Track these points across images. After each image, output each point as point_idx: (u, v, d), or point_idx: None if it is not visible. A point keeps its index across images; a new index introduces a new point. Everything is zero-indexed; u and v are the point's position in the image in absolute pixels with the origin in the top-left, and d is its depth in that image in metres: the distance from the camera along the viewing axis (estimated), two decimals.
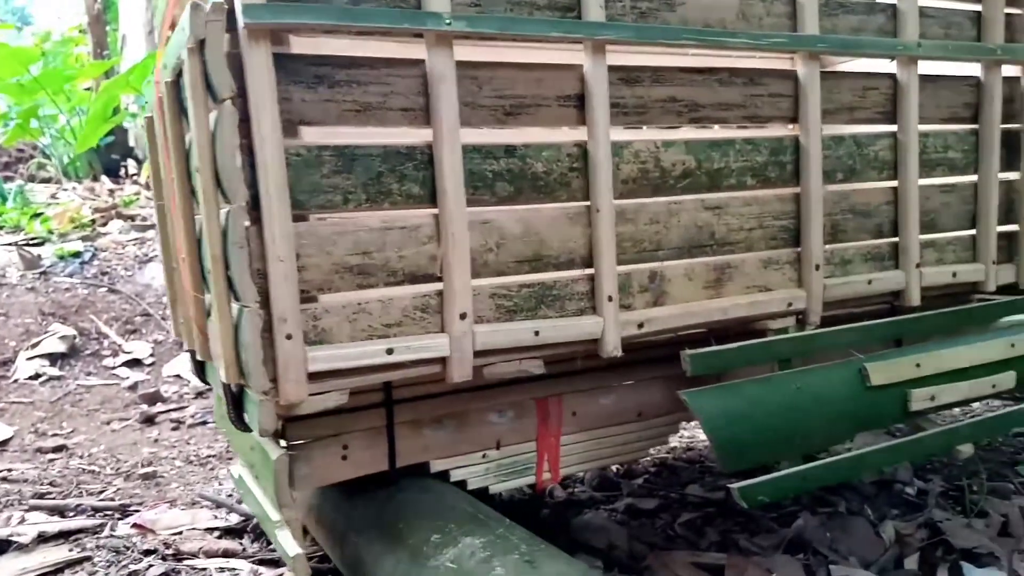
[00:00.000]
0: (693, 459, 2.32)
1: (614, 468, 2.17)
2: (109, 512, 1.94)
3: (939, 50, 1.57)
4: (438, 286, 1.20)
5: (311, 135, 1.15)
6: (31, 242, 4.45)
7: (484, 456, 1.47)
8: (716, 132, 1.41)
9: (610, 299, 1.30)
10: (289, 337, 1.08)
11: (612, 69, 1.30)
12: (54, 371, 3.46)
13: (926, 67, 1.63)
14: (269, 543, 1.75)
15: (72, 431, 2.93)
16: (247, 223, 1.07)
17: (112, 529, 1.82)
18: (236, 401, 1.23)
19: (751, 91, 1.44)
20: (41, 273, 4.06)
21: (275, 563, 1.65)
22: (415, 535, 1.22)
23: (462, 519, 1.23)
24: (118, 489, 2.18)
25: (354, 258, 1.14)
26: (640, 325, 1.34)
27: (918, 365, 1.55)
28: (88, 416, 3.14)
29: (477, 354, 1.22)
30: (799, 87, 1.46)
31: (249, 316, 1.07)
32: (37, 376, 3.43)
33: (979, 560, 1.64)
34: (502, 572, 1.03)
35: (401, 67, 1.16)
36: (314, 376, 1.12)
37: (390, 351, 1.15)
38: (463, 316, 1.19)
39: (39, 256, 4.15)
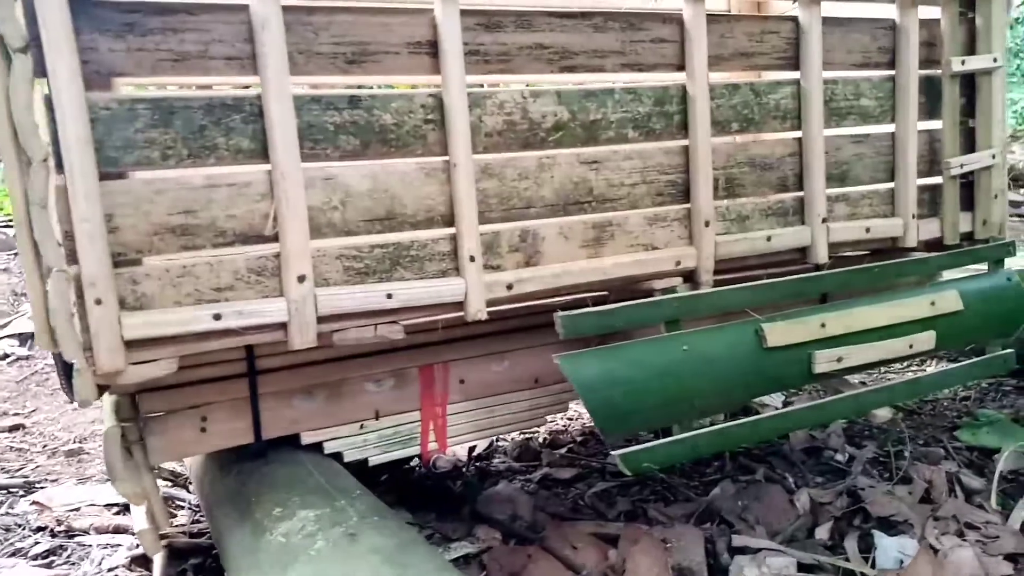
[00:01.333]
0: None
1: (540, 438, 2.11)
2: (14, 489, 1.90)
3: None
4: (274, 247, 1.13)
5: (126, 87, 1.08)
6: (8, 224, 4.42)
7: (361, 427, 1.41)
8: (591, 80, 1.32)
9: (472, 259, 1.23)
10: (99, 302, 1.02)
11: (468, 13, 1.22)
12: (23, 351, 3.44)
13: (835, 9, 1.53)
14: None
15: (34, 410, 2.90)
16: (53, 182, 1.00)
17: (11, 507, 1.79)
18: (67, 370, 1.17)
19: (631, 37, 1.35)
20: (15, 254, 4.04)
21: (164, 537, 1.60)
22: (261, 508, 1.17)
23: (309, 491, 1.17)
24: (37, 466, 2.14)
25: (176, 218, 1.08)
26: (509, 287, 1.27)
27: (823, 325, 1.47)
28: (52, 395, 3.12)
29: (322, 319, 1.16)
30: (684, 32, 1.37)
31: (55, 280, 1.01)
32: (5, 356, 3.42)
33: (895, 528, 1.57)
34: (321, 546, 0.97)
35: (223, 12, 1.08)
36: (133, 344, 1.06)
37: (218, 316, 1.09)
38: (301, 279, 1.12)
39: (14, 236, 4.12)
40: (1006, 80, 1.70)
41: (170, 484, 1.90)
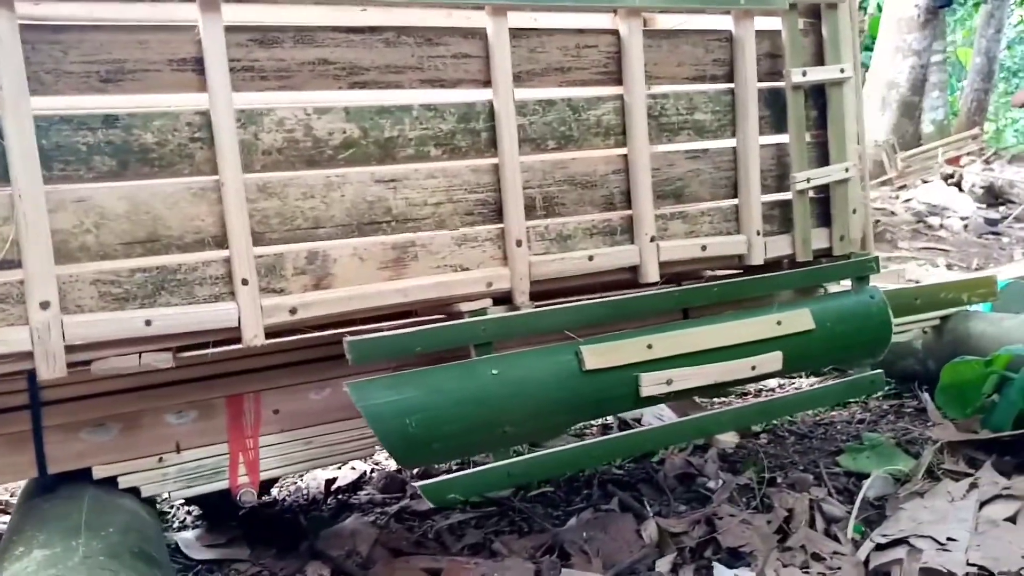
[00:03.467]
0: None
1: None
2: None
3: (664, 2, 1.44)
4: (19, 273, 1.08)
5: None
6: None
7: (160, 460, 1.35)
8: (385, 97, 1.28)
9: (245, 283, 1.18)
10: None
11: (240, 29, 1.19)
12: None
13: (665, 21, 1.50)
14: None
15: None
16: None
17: None
18: None
19: (430, 52, 1.31)
20: None
21: None
22: (12, 546, 1.11)
23: (60, 529, 1.11)
24: None
25: None
26: (293, 311, 1.22)
27: (649, 346, 1.41)
28: None
29: (77, 348, 1.10)
30: (488, 47, 1.33)
31: None
32: None
33: (742, 559, 1.50)
34: None
35: None
36: None
37: None
38: (45, 305, 1.07)
39: None
40: (859, 91, 1.65)
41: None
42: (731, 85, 1.55)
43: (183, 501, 1.84)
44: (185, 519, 1.87)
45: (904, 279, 2.50)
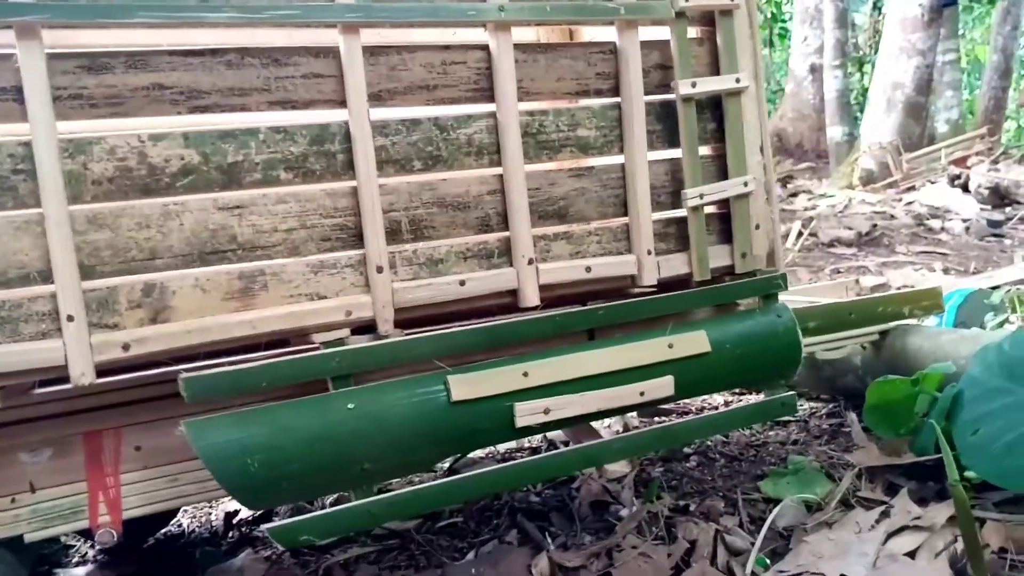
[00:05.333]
0: None
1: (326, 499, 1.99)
2: None
3: (534, 14, 1.38)
4: None
5: None
6: None
7: (13, 501, 1.31)
8: (226, 121, 1.23)
9: (71, 319, 1.13)
10: None
11: (65, 56, 1.14)
12: None
13: (551, 34, 1.43)
14: None
15: None
16: None
17: None
18: None
19: (277, 73, 1.26)
20: None
21: None
22: None
23: None
24: None
25: None
26: (126, 347, 1.17)
27: (525, 374, 1.35)
28: None
29: None
30: (341, 66, 1.28)
31: None
32: None
33: None
34: None
35: None
36: None
37: None
38: None
39: None
40: (761, 101, 1.58)
41: None
42: (617, 99, 1.48)
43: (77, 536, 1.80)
44: (87, 553, 1.83)
45: (854, 291, 2.41)
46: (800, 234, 6.30)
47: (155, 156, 1.20)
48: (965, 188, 7.72)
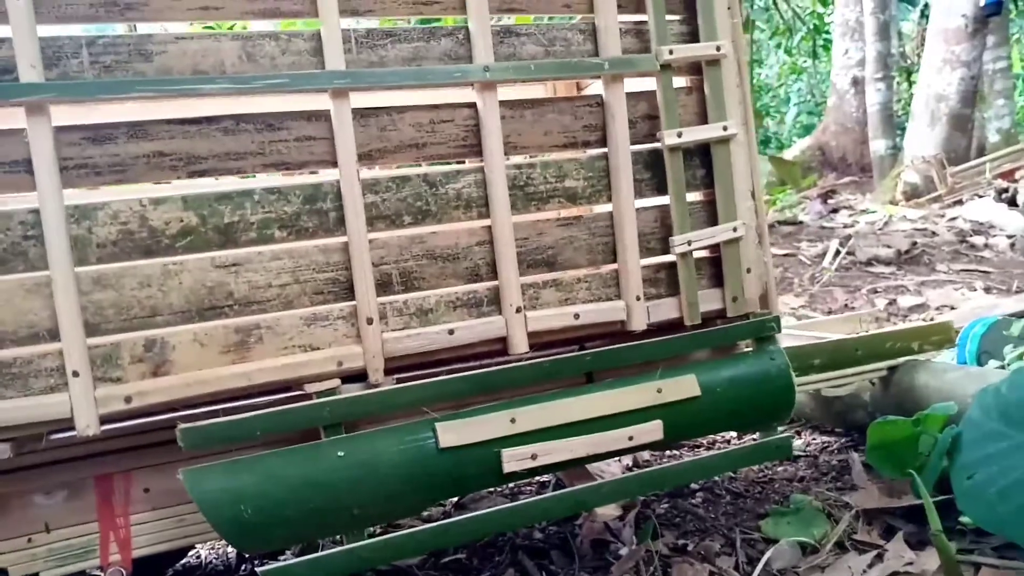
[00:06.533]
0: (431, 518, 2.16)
1: None
2: None
3: (518, 73, 1.42)
4: None
5: None
6: None
7: (30, 541, 1.39)
8: (221, 184, 1.31)
9: (76, 374, 1.21)
10: None
11: (71, 129, 1.23)
12: None
13: (536, 91, 1.48)
14: None
15: None
16: None
17: None
18: None
19: (270, 137, 1.33)
20: None
21: None
22: None
23: None
24: None
25: None
26: (128, 399, 1.24)
27: (513, 420, 1.39)
28: None
29: None
30: (332, 128, 1.34)
31: None
32: None
33: None
34: None
35: None
36: None
37: None
38: None
39: None
40: (752, 147, 1.60)
41: None
42: (604, 150, 1.52)
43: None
44: None
45: (863, 326, 2.39)
46: (838, 253, 6.21)
47: (155, 219, 1.27)
48: (1012, 202, 7.53)
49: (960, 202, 8.15)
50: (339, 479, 1.30)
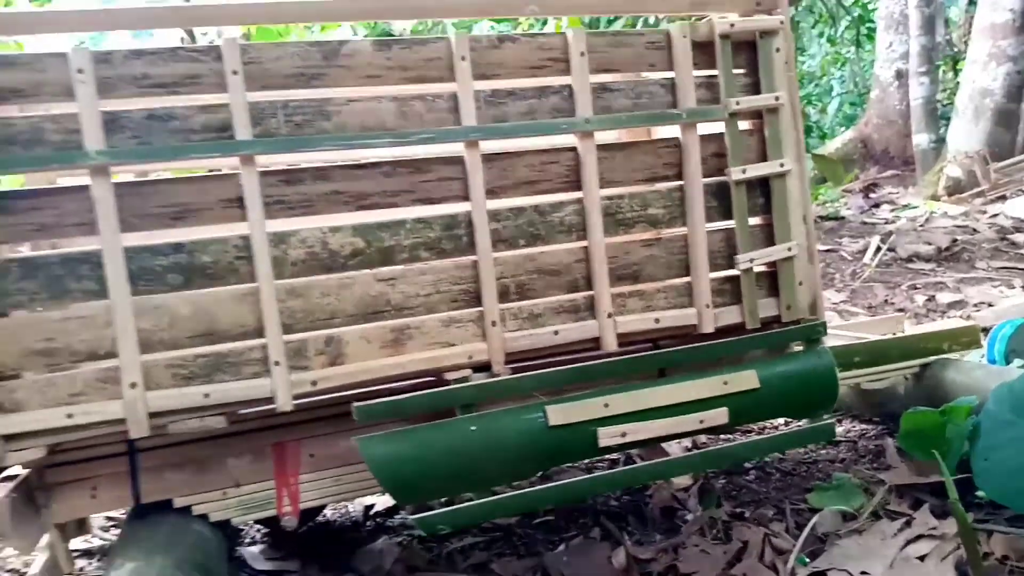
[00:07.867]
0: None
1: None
2: None
3: (612, 123, 1.75)
4: (115, 361, 1.51)
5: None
6: None
7: (225, 493, 1.76)
8: (382, 216, 1.65)
9: (277, 363, 1.57)
10: None
11: (273, 173, 1.59)
12: None
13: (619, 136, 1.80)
14: None
15: None
16: None
17: None
18: None
19: (419, 178, 1.68)
20: None
21: None
22: (115, 558, 1.54)
23: (146, 547, 1.53)
24: None
25: (39, 344, 1.47)
26: (314, 383, 1.61)
27: (606, 405, 1.73)
28: None
29: (155, 415, 1.52)
30: (466, 170, 1.69)
31: None
32: None
33: None
34: None
35: (71, 193, 1.49)
36: (12, 437, 1.46)
37: (70, 415, 1.47)
38: (133, 385, 1.50)
39: None
40: (804, 178, 1.90)
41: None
42: (681, 183, 1.84)
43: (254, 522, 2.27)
44: (255, 536, 2.30)
45: (901, 329, 2.68)
46: (878, 249, 6.39)
47: (333, 243, 1.63)
48: None
49: (1003, 198, 8.23)
50: (472, 448, 1.65)
